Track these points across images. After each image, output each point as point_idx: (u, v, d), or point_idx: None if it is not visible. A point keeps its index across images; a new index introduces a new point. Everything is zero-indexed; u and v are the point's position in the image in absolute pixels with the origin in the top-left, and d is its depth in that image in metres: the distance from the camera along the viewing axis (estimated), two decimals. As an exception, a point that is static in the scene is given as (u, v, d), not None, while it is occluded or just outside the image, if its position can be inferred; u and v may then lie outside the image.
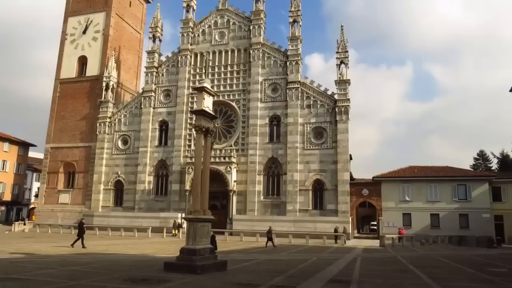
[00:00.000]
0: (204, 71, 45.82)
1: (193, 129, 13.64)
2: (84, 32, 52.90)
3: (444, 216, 38.13)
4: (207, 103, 12.96)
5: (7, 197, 58.54)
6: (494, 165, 68.14)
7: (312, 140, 42.22)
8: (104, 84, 49.48)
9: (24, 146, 58.73)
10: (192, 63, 47.81)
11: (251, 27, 46.13)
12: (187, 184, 43.05)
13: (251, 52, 45.38)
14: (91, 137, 49.49)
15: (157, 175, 46.81)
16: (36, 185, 62.13)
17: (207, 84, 13.28)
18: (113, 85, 49.81)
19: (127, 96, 53.99)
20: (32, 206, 60.92)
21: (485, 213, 37.32)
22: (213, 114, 13.90)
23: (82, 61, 52.69)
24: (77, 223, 28.09)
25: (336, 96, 42.25)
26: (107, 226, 40.75)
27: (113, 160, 48.25)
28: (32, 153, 62.66)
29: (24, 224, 45.92)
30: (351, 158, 43.94)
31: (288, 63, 44.09)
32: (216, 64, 46.92)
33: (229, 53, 46.81)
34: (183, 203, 44.07)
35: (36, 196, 59.26)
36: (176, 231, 39.27)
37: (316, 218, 39.50)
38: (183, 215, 43.31)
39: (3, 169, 57.38)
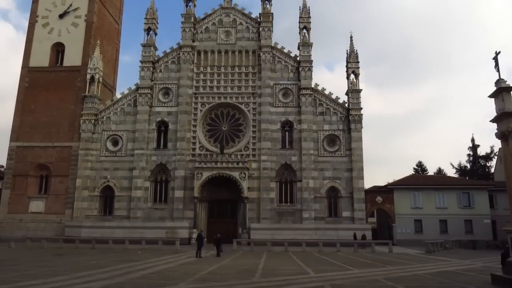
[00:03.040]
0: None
1: (508, 134, 12.48)
2: (61, 17, 46.13)
3: (451, 222, 40.84)
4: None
5: None
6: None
7: (326, 147, 42.12)
8: (88, 76, 43.61)
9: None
10: (195, 61, 44.61)
11: (260, 29, 44.74)
12: (196, 191, 39.65)
13: (261, 54, 43.90)
14: (72, 136, 43.03)
15: (155, 181, 42.33)
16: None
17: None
18: (99, 78, 44.17)
19: (106, 92, 48.32)
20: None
21: (486, 218, 40.85)
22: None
23: (58, 49, 45.84)
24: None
25: (348, 105, 42.86)
26: (107, 239, 35.38)
27: (101, 163, 42.42)
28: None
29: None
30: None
31: (300, 69, 43.60)
32: (223, 64, 44.46)
33: (236, 53, 44.71)
34: (188, 211, 40.48)
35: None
36: None
37: (338, 225, 39.21)
38: (191, 224, 39.83)
39: None
